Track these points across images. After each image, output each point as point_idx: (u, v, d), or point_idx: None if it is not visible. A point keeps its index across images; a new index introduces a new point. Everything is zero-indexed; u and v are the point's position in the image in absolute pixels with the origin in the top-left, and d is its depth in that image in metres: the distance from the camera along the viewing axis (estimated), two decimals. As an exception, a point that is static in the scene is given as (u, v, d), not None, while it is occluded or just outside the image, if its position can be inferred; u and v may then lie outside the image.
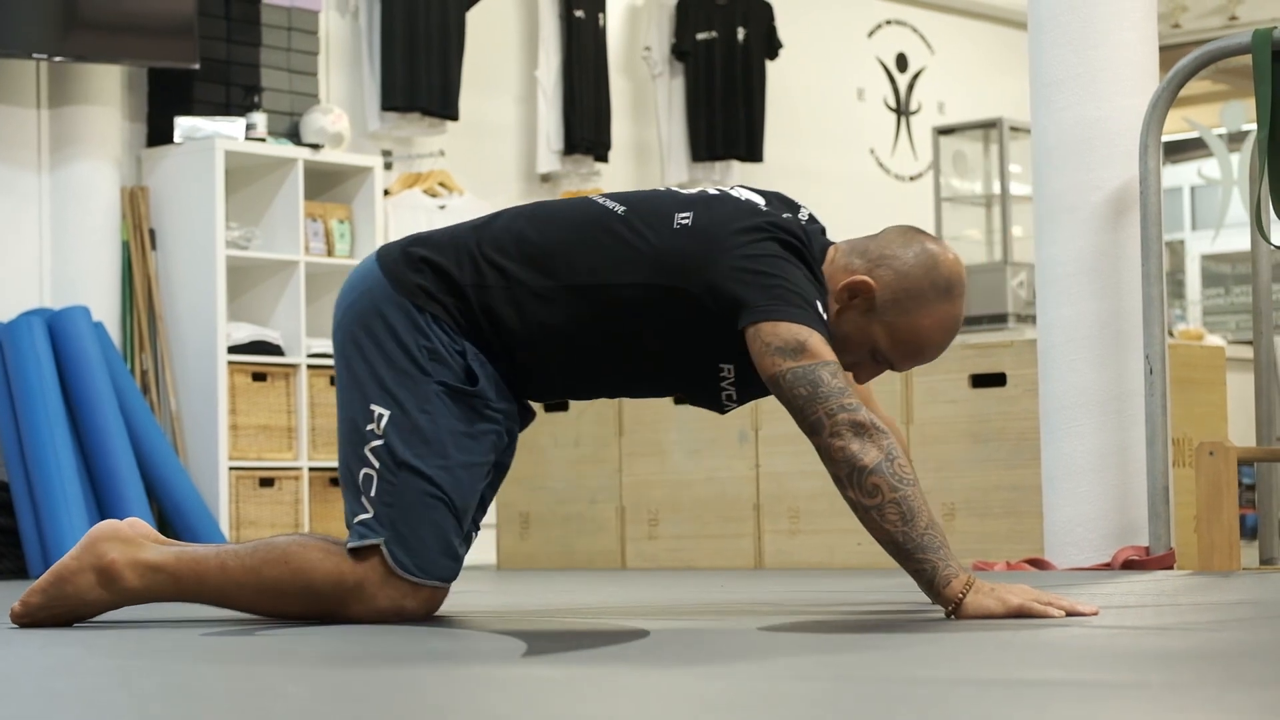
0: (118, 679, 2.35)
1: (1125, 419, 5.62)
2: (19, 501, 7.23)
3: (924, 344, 3.45)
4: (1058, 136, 5.72)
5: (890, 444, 3.25)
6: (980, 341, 6.56)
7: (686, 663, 2.54)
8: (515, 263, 3.44)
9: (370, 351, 3.43)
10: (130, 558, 3.38)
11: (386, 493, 3.38)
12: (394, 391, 3.39)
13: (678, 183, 9.61)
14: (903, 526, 3.22)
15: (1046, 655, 2.55)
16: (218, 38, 7.86)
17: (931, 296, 3.41)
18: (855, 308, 3.42)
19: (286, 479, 7.79)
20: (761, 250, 3.37)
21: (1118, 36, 5.68)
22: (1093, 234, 5.67)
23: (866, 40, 10.78)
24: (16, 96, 7.62)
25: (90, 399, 7.28)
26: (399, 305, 3.43)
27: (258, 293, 7.95)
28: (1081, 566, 5.58)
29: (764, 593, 4.60)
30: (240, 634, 3.15)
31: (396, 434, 3.38)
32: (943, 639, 2.84)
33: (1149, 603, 3.78)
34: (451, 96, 8.53)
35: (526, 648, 2.75)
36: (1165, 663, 2.39)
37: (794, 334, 3.30)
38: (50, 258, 7.66)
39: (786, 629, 3.11)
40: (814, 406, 3.28)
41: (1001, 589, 3.22)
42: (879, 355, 3.46)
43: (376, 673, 2.39)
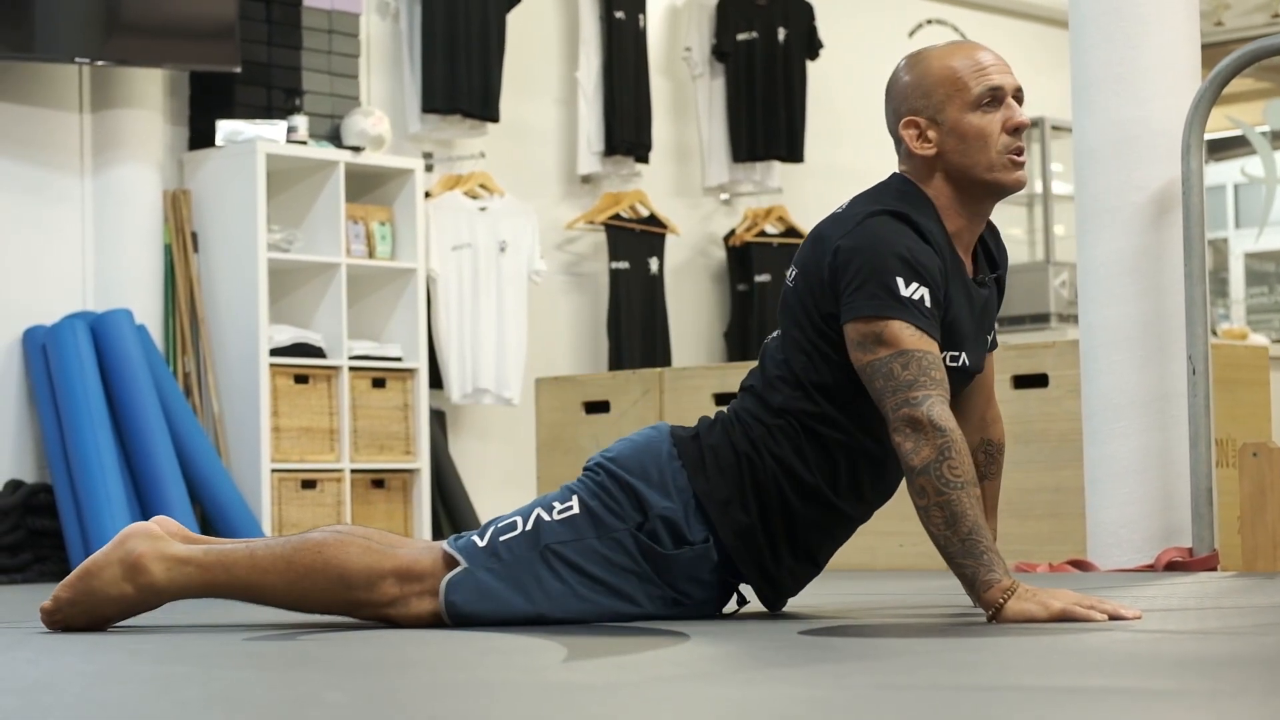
0: (160, 687, 2.36)
1: (1168, 419, 5.59)
2: (62, 504, 7.26)
3: (965, 66, 3.42)
4: (1099, 137, 5.69)
5: (945, 443, 3.21)
6: (1022, 342, 6.53)
7: (727, 668, 2.54)
8: (745, 413, 3.46)
9: (611, 483, 3.41)
10: (157, 551, 3.37)
11: (511, 549, 3.37)
12: (601, 506, 3.39)
13: (718, 183, 9.60)
14: (945, 530, 3.22)
15: (1089, 661, 2.54)
16: (259, 41, 7.88)
17: (921, 66, 3.46)
18: (933, 137, 3.43)
19: (328, 481, 7.81)
20: (843, 246, 3.37)
21: (1159, 36, 5.66)
22: (1135, 234, 5.64)
23: (907, 40, 10.74)
24: (59, 100, 7.65)
25: (133, 401, 7.31)
26: (661, 456, 3.42)
27: (299, 295, 7.97)
28: (1125, 568, 5.56)
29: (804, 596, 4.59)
30: (282, 639, 3.15)
31: (563, 526, 3.38)
32: (984, 644, 2.83)
33: (1192, 606, 3.76)
34: (492, 98, 8.54)
35: (567, 653, 2.75)
36: (1208, 669, 2.38)
37: (871, 327, 3.30)
38: (93, 261, 7.69)
39: (827, 633, 3.10)
40: (883, 400, 3.29)
41: (1044, 594, 3.21)
42: (983, 101, 3.40)
43: (416, 679, 2.39)
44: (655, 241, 9.18)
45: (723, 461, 3.40)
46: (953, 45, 3.50)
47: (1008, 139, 3.44)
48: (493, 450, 8.74)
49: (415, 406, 8.07)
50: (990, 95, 3.42)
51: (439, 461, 8.27)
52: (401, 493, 8.05)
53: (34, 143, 7.58)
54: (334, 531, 3.41)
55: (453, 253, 8.39)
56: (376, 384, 8.01)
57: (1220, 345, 6.14)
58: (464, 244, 8.41)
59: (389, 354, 8.04)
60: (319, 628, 3.38)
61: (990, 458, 3.76)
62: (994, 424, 3.79)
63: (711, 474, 3.39)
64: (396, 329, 8.13)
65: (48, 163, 7.62)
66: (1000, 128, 3.43)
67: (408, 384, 8.07)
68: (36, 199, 7.58)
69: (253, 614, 3.63)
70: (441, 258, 8.34)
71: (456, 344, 8.39)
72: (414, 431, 8.06)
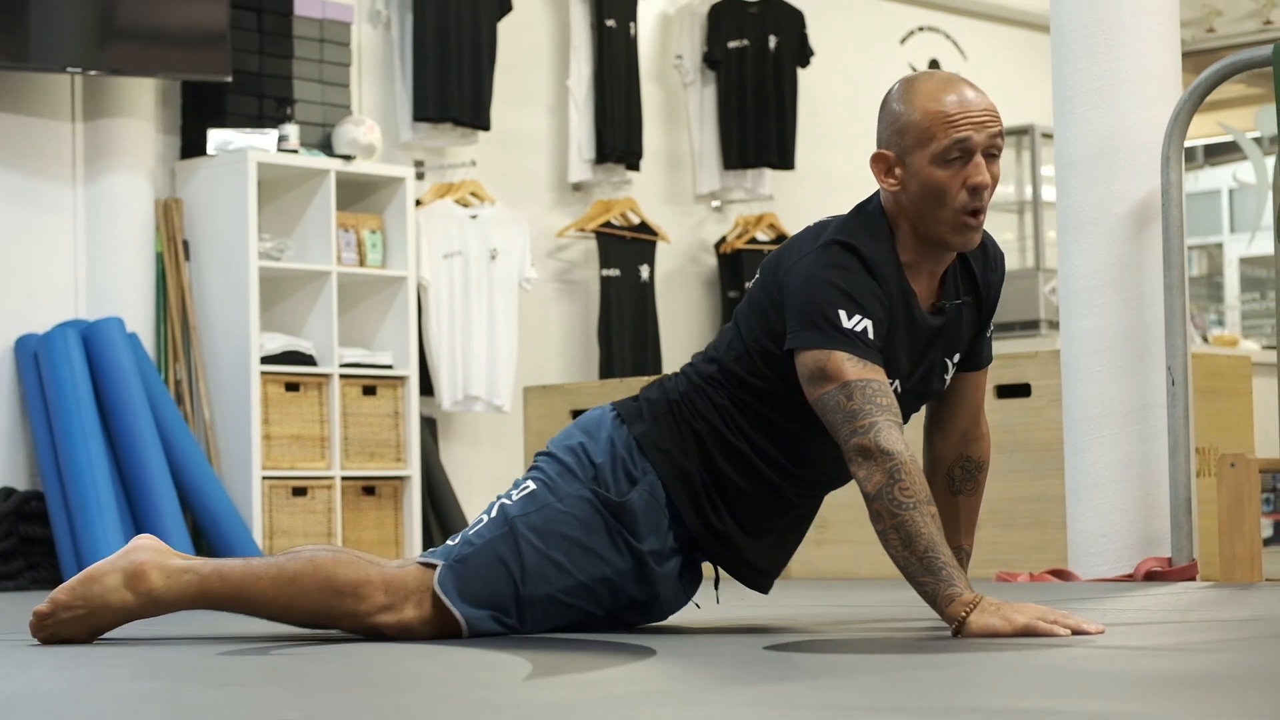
0: (126, 706, 2.39)
1: (1148, 430, 5.63)
2: (54, 511, 7.30)
3: (941, 113, 3.36)
4: (1080, 148, 5.73)
5: (894, 466, 3.26)
6: (1005, 352, 6.56)
7: (684, 686, 2.58)
8: (694, 373, 3.59)
9: (556, 449, 3.57)
10: (159, 561, 3.46)
11: (480, 534, 3.50)
12: (551, 477, 3.53)
13: (709, 191, 9.64)
14: (904, 550, 3.27)
15: (1046, 680, 2.57)
16: (250, 50, 7.92)
17: (904, 101, 3.42)
18: (898, 174, 3.43)
19: (319, 488, 7.85)
20: (797, 272, 3.43)
21: (1140, 48, 5.69)
22: (1115, 245, 5.68)
23: (899, 47, 10.79)
24: (51, 110, 7.69)
25: (124, 409, 7.35)
26: (601, 420, 3.58)
27: (290, 303, 8.01)
28: (1104, 578, 5.60)
29: (783, 606, 4.63)
30: (255, 653, 3.19)
31: (526, 502, 3.50)
32: (946, 661, 2.86)
33: (1159, 619, 3.80)
34: (483, 107, 8.58)
35: (530, 670, 2.79)
36: (1152, 688, 2.42)
37: (815, 361, 3.36)
38: (85, 270, 7.73)
39: (791, 649, 3.14)
40: (837, 432, 3.35)
41: (1008, 608, 3.25)
42: (945, 156, 3.38)
43: (375, 697, 2.43)
44: (646, 249, 9.22)
45: (658, 411, 3.55)
46: (943, 83, 3.42)
47: (965, 198, 3.41)
48: (484, 457, 8.78)
49: (406, 414, 8.11)
50: (957, 150, 3.38)
51: (430, 468, 8.31)
52: (392, 500, 8.09)
53: (26, 152, 7.62)
54: (326, 548, 3.52)
55: (444, 260, 8.43)
56: (367, 391, 8.05)
57: (1202, 355, 6.18)
58: (455, 252, 8.45)
59: (380, 361, 8.08)
60: (294, 640, 3.42)
61: (968, 474, 3.79)
62: (976, 441, 3.81)
63: (648, 421, 3.54)
64: (387, 337, 8.17)
65: (40, 172, 7.66)
66: (960, 184, 3.41)
67: (398, 391, 8.11)
68: (29, 208, 7.62)
69: (233, 627, 3.67)
70: (433, 266, 8.38)
71: (447, 351, 8.44)
72: (405, 439, 8.10)
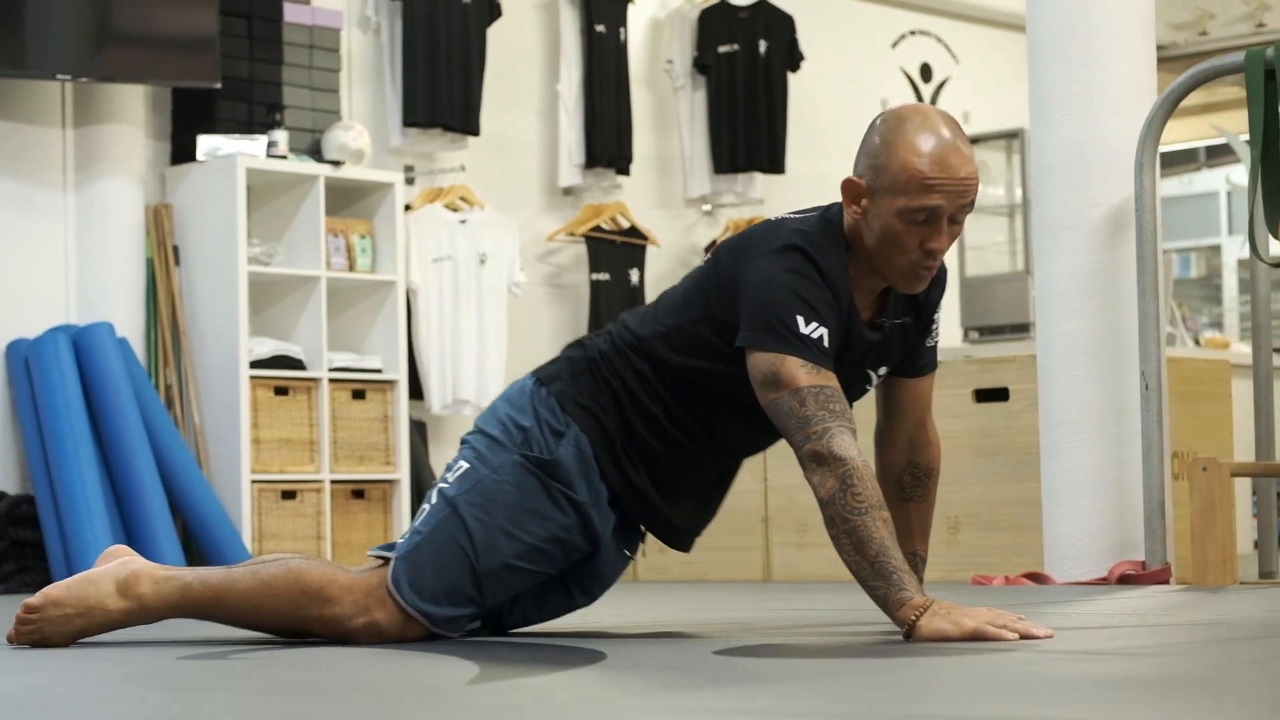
0: (64, 711, 2.44)
1: (1124, 434, 5.67)
2: (44, 515, 7.35)
3: (919, 170, 3.39)
4: (1055, 154, 5.77)
5: (847, 471, 3.30)
6: (984, 356, 6.62)
7: (622, 692, 2.61)
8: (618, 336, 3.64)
9: (484, 425, 3.64)
10: (149, 570, 3.58)
11: (425, 522, 3.57)
12: (480, 452, 3.59)
13: (700, 195, 9.68)
14: (855, 555, 3.31)
15: (981, 685, 2.61)
16: (240, 56, 7.96)
17: (891, 138, 3.44)
18: (865, 208, 3.47)
19: (308, 491, 7.89)
20: (755, 269, 3.47)
21: (1115, 55, 5.73)
22: (1091, 251, 5.72)
23: (890, 51, 10.83)
24: (42, 116, 7.74)
25: (114, 413, 7.40)
26: (522, 387, 3.65)
27: (280, 308, 8.06)
28: (1079, 581, 5.63)
29: (748, 609, 4.67)
30: (213, 657, 3.23)
31: (462, 482, 3.57)
32: (886, 666, 2.90)
33: (1117, 623, 3.84)
34: (473, 112, 8.63)
35: (478, 672, 2.83)
36: (1087, 692, 2.45)
37: (769, 365, 3.40)
38: (75, 275, 7.78)
39: (740, 653, 3.17)
40: (790, 438, 3.40)
41: (958, 612, 3.28)
42: (913, 215, 3.42)
43: (317, 701, 2.48)
44: (636, 253, 9.26)
45: (577, 369, 3.63)
46: (933, 137, 3.42)
47: (920, 255, 3.47)
48: (474, 460, 8.80)
49: (395, 418, 8.15)
50: (924, 213, 3.42)
51: (419, 472, 8.35)
52: (381, 503, 8.14)
53: (17, 157, 7.67)
54: (303, 555, 3.63)
55: (433, 265, 8.47)
56: (356, 395, 8.10)
57: (1181, 359, 6.22)
58: (444, 256, 8.50)
59: (369, 366, 8.12)
60: (255, 645, 3.46)
61: (918, 480, 3.82)
62: (925, 448, 3.84)
63: (567, 379, 3.61)
64: (377, 341, 8.21)
65: (31, 177, 7.71)
66: (919, 243, 3.46)
67: (388, 395, 8.16)
68: (19, 213, 7.67)
69: (203, 632, 3.72)
70: (422, 270, 8.42)
71: (437, 355, 8.48)
72: (394, 442, 8.15)
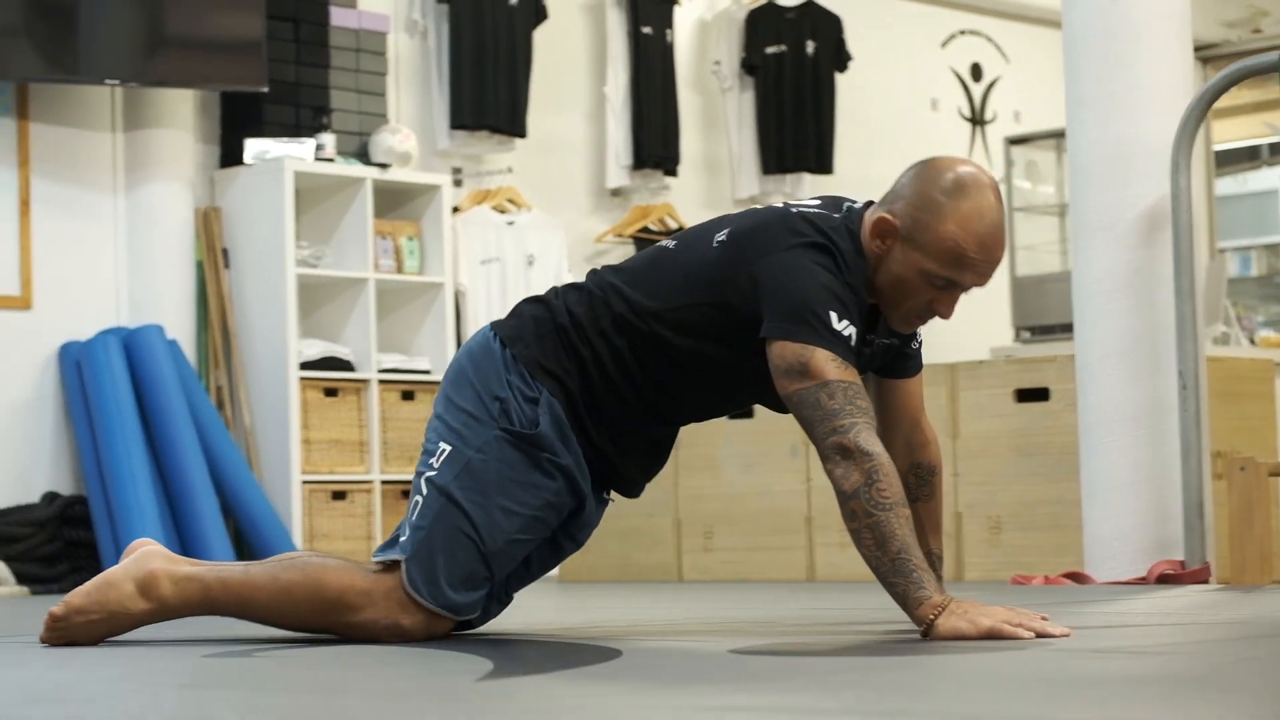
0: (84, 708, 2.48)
1: (1162, 434, 5.66)
2: (96, 515, 7.44)
3: (961, 247, 3.46)
4: (1092, 154, 5.77)
5: (873, 466, 3.32)
6: (1024, 356, 6.62)
7: (631, 690, 2.65)
8: (598, 299, 3.61)
9: (453, 395, 3.63)
10: (169, 570, 3.58)
11: (423, 516, 3.56)
12: (459, 430, 3.57)
13: (749, 196, 9.70)
14: (876, 550, 3.32)
15: (993, 683, 2.62)
16: (287, 60, 8.04)
17: (944, 201, 3.47)
18: (890, 248, 3.50)
19: (358, 492, 7.96)
20: (782, 260, 3.47)
21: (1151, 54, 5.73)
22: (1128, 250, 5.71)
23: (940, 50, 10.83)
24: (92, 121, 7.83)
25: (165, 415, 7.48)
26: (487, 349, 3.62)
27: (329, 310, 8.13)
28: (1118, 580, 5.64)
29: (786, 608, 4.69)
30: (238, 655, 3.28)
31: (449, 467, 3.56)
32: (897, 665, 2.92)
33: (1141, 622, 3.85)
34: (519, 114, 8.68)
35: (491, 668, 2.87)
36: (1091, 691, 2.47)
37: (797, 355, 3.41)
38: (126, 278, 7.86)
39: (759, 652, 3.20)
40: (812, 430, 3.41)
41: (975, 611, 3.30)
42: (936, 279, 3.49)
43: (323, 699, 2.52)
44: (684, 254, 9.27)
45: (543, 329, 3.61)
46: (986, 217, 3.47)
47: (923, 308, 3.55)
48: (523, 460, 8.85)
49: (444, 418, 8.19)
50: (947, 283, 3.50)
51: (468, 472, 8.38)
52: (430, 503, 8.18)
53: (68, 162, 7.76)
54: (318, 554, 3.65)
55: (481, 267, 8.52)
56: (406, 396, 8.15)
57: (1223, 358, 6.21)
58: (492, 258, 8.55)
59: (418, 367, 8.18)
60: (282, 643, 3.51)
61: (922, 480, 3.84)
62: (923, 447, 3.85)
63: (532, 341, 3.60)
64: (425, 342, 8.27)
65: (82, 182, 7.80)
66: (926, 300, 3.53)
67: (436, 396, 8.19)
68: (71, 218, 7.76)
69: (239, 629, 3.77)
70: (470, 272, 8.47)
71: (485, 356, 8.51)
72: (442, 443, 8.18)
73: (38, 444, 7.60)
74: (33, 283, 7.65)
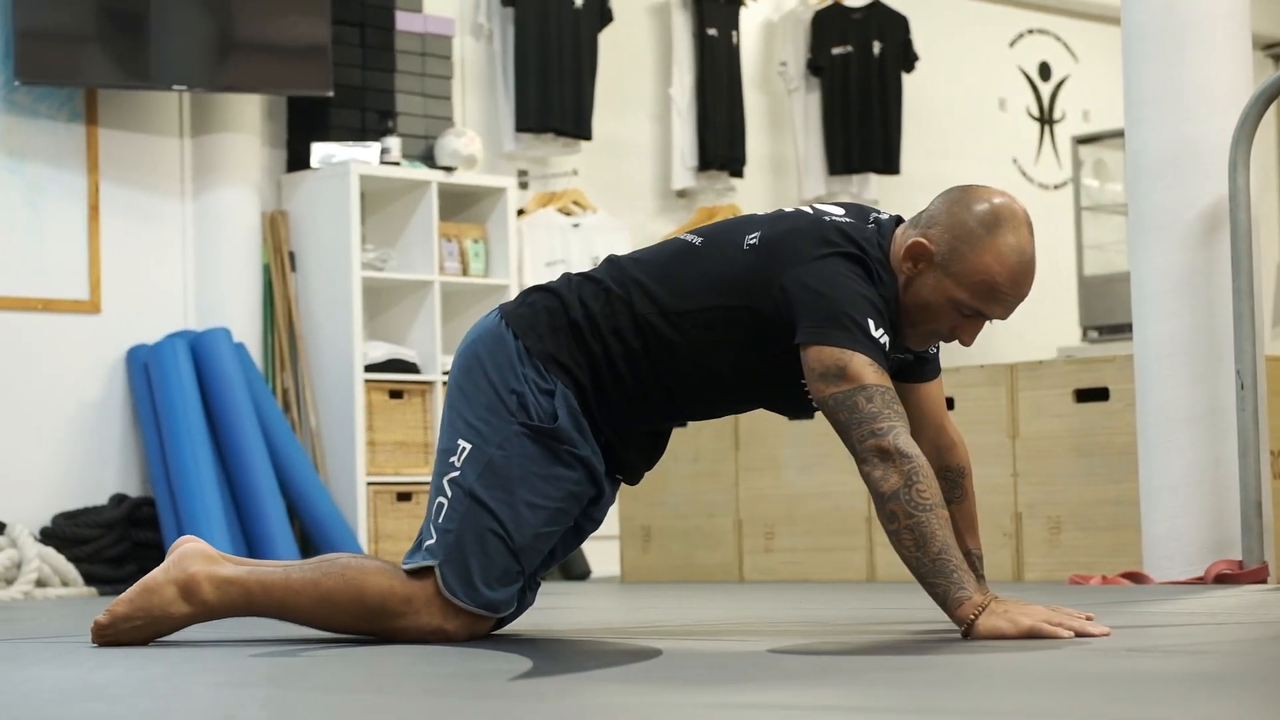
0: (125, 706, 2.52)
1: (1220, 433, 5.65)
2: (163, 517, 7.51)
3: (995, 280, 3.48)
4: (1150, 153, 5.76)
5: (913, 468, 3.34)
6: (1084, 356, 6.60)
7: (660, 688, 2.67)
8: (616, 296, 3.62)
9: (468, 389, 3.62)
10: (209, 572, 3.61)
11: (450, 519, 3.57)
12: (477, 427, 3.58)
13: (814, 196, 9.71)
14: (916, 552, 3.33)
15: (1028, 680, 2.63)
16: (353, 65, 8.09)
17: (981, 233, 3.48)
18: (921, 272, 3.52)
19: (423, 493, 8.00)
20: (818, 268, 3.49)
21: (1210, 54, 5.71)
22: (1186, 250, 5.70)
23: (1008, 50, 10.80)
24: (160, 126, 7.91)
25: (231, 417, 7.54)
26: (499, 340, 3.61)
27: (394, 312, 8.18)
28: (1176, 580, 5.62)
29: (846, 609, 4.71)
30: (285, 655, 3.32)
31: (471, 466, 3.57)
32: (936, 664, 2.93)
33: (1185, 621, 3.84)
34: (585, 116, 8.71)
35: (531, 665, 2.90)
36: (1127, 688, 2.47)
37: (835, 359, 3.42)
38: (194, 282, 7.93)
39: (795, 651, 3.22)
40: (848, 432, 3.42)
41: (1016, 610, 3.31)
42: (964, 308, 3.51)
43: (354, 696, 2.55)
44: (750, 255, 9.29)
45: (557, 323, 3.62)
46: (1020, 248, 3.49)
47: (945, 335, 3.58)
48: (588, 462, 8.88)
49: (509, 420, 8.23)
50: (975, 313, 3.53)
51: (533, 473, 8.42)
52: (495, 504, 8.22)
53: (137, 167, 7.84)
54: (357, 557, 3.66)
55: (546, 269, 8.56)
56: (460, 402, 8.18)
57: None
58: (557, 260, 8.58)
59: (483, 369, 8.20)
60: (326, 643, 3.54)
61: (953, 482, 3.83)
62: (950, 450, 3.85)
63: (546, 334, 3.60)
64: (490, 344, 8.29)
65: (150, 186, 7.88)
66: (950, 326, 3.56)
67: (448, 387, 8.23)
68: (139, 222, 7.84)
69: (284, 630, 3.81)
70: (535, 274, 8.51)
71: (551, 358, 8.55)
72: (507, 444, 8.22)
73: (106, 446, 7.68)
74: (101, 287, 7.73)
